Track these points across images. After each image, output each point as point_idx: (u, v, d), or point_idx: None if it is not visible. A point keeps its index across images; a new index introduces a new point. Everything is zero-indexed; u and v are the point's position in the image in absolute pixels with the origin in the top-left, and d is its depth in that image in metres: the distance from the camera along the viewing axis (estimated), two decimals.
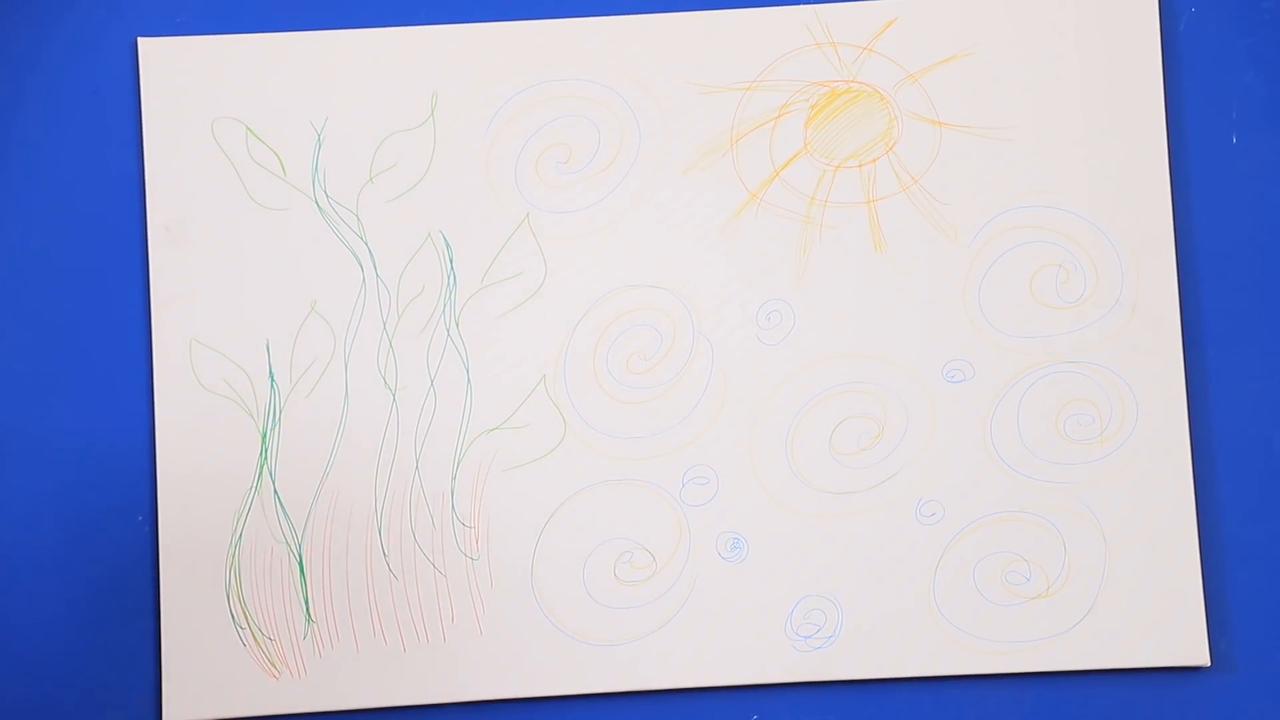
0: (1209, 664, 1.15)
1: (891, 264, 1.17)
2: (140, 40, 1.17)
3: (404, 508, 1.15)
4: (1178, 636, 1.15)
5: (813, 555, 1.16)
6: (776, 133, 1.18)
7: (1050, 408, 1.16)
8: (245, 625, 1.14)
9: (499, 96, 1.18)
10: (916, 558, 1.16)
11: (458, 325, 1.16)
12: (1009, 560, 1.16)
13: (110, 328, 1.16)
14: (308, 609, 1.15)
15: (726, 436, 1.16)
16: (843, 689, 1.15)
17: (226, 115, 1.17)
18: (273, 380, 1.16)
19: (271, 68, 1.17)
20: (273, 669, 1.14)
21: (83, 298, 1.17)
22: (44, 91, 1.17)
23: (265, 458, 1.15)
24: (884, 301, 1.17)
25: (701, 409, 1.17)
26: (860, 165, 1.18)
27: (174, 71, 1.17)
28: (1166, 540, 1.15)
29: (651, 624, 1.15)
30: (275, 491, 1.15)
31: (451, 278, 1.17)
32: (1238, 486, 1.17)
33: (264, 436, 1.15)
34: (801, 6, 1.18)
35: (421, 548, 1.15)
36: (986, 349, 1.17)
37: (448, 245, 1.17)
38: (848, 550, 1.16)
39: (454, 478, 1.16)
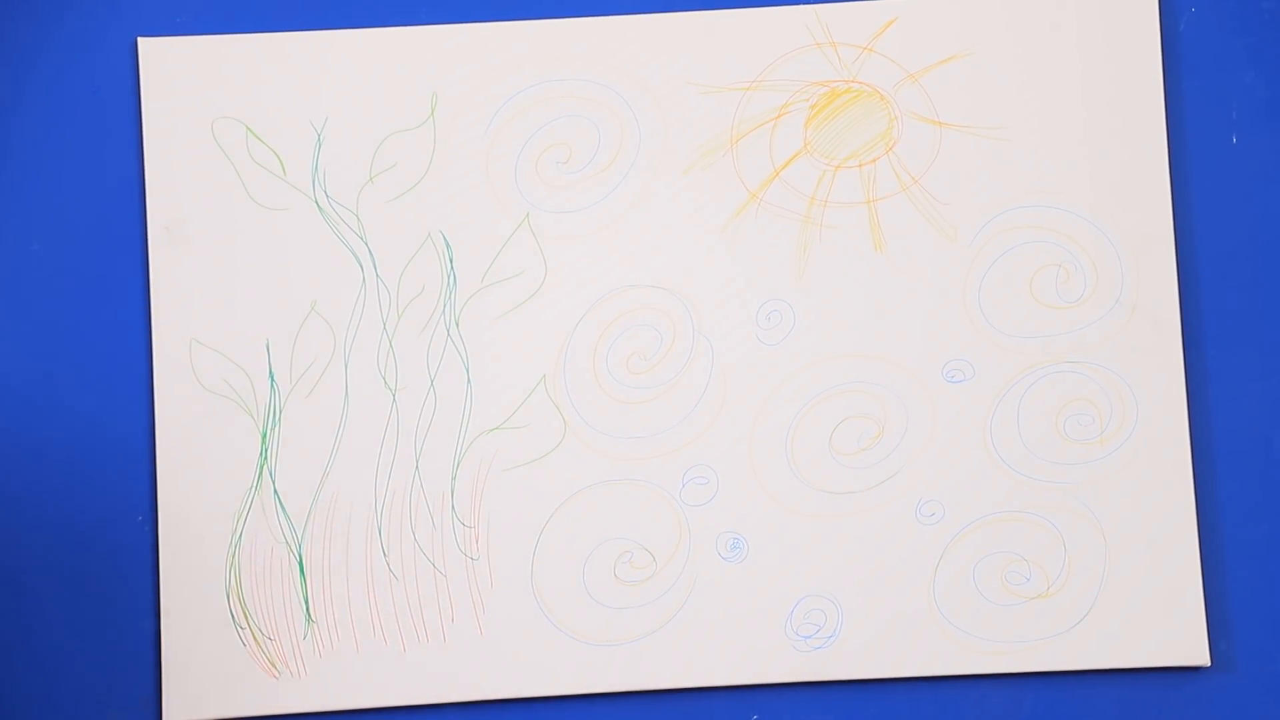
0: (1209, 664, 1.15)
1: (891, 264, 1.17)
2: (140, 40, 1.17)
3: (404, 508, 1.15)
4: (1178, 636, 1.15)
5: (813, 555, 1.16)
6: (776, 133, 1.18)
7: (1050, 408, 1.16)
8: (245, 625, 1.14)
9: (499, 96, 1.18)
10: (916, 558, 1.16)
11: (458, 325, 1.16)
12: (1009, 560, 1.16)
13: (110, 328, 1.16)
14: (308, 609, 1.15)
15: (726, 436, 1.16)
16: (843, 689, 1.15)
17: (226, 115, 1.17)
18: (273, 380, 1.16)
19: (271, 68, 1.17)
20: (273, 669, 1.14)
21: (83, 298, 1.17)
22: (44, 91, 1.17)
23: (265, 458, 1.15)
24: (884, 301, 1.17)
25: (701, 409, 1.17)
26: (860, 165, 1.18)
27: (174, 71, 1.17)
28: (1166, 540, 1.15)
29: (651, 624, 1.15)
30: (275, 491, 1.15)
31: (451, 278, 1.17)
32: (1238, 486, 1.17)
33: (264, 436, 1.15)
34: (801, 6, 1.18)
35: (421, 548, 1.15)
36: (986, 349, 1.17)
37: (448, 245, 1.17)
38: (848, 550, 1.16)
39: (454, 478, 1.15)
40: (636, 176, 1.18)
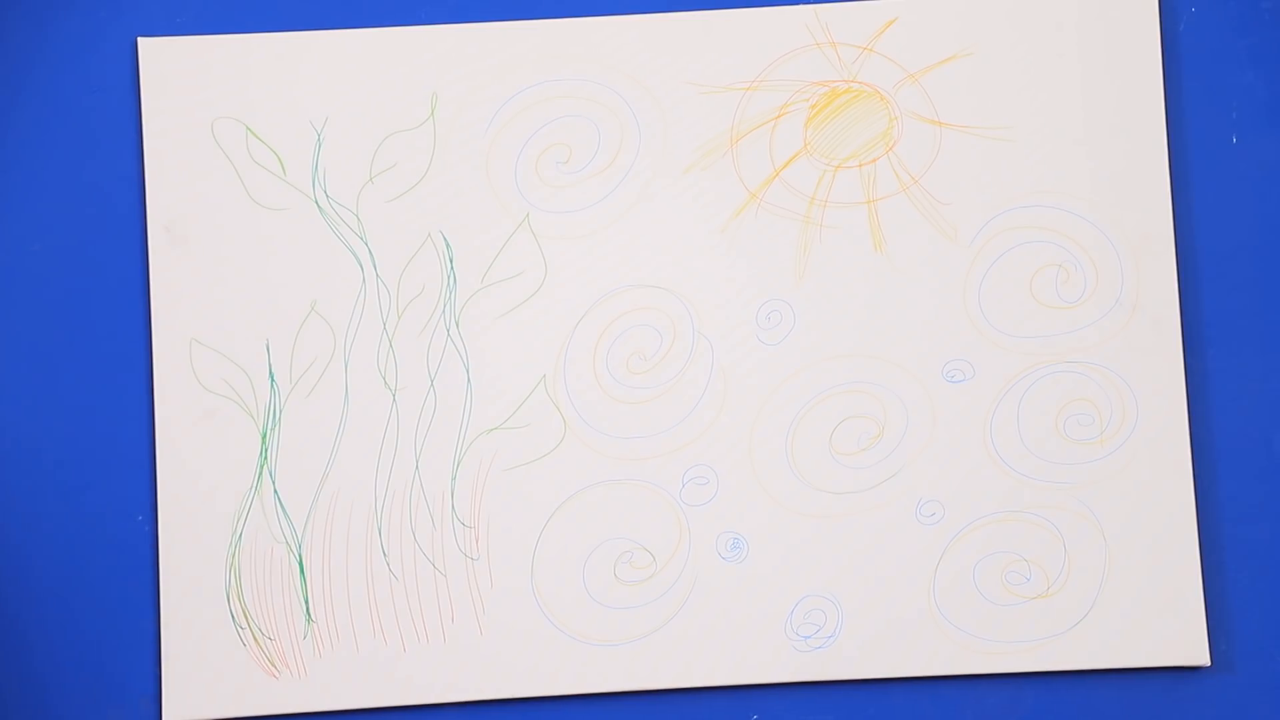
0: (1209, 664, 1.15)
1: (891, 264, 1.17)
2: (140, 40, 1.17)
3: (404, 508, 1.15)
4: (1178, 636, 1.15)
5: (813, 555, 1.16)
6: (776, 133, 1.18)
7: (1050, 408, 1.16)
8: (245, 625, 1.14)
9: (499, 96, 1.18)
10: (916, 558, 1.16)
11: (458, 325, 1.16)
12: (1009, 560, 1.16)
13: (110, 328, 1.16)
14: (308, 609, 1.15)
15: (726, 436, 1.16)
16: (843, 689, 1.15)
17: (226, 115, 1.17)
18: (273, 380, 1.16)
19: (271, 68, 1.17)
20: (273, 669, 1.14)
21: (83, 298, 1.17)
22: (44, 91, 1.17)
23: (265, 458, 1.15)
24: (884, 301, 1.17)
25: (701, 409, 1.17)
26: (860, 165, 1.18)
27: (174, 71, 1.17)
28: (1166, 540, 1.15)
29: (651, 624, 1.15)
30: (275, 491, 1.15)
31: (451, 278, 1.17)
32: (1238, 486, 1.17)
33: (264, 436, 1.15)
34: (801, 6, 1.18)
35: (421, 548, 1.15)
36: (986, 349, 1.17)
37: (448, 245, 1.17)
38: (848, 550, 1.16)
39: (454, 478, 1.15)
40: (636, 176, 1.18)
